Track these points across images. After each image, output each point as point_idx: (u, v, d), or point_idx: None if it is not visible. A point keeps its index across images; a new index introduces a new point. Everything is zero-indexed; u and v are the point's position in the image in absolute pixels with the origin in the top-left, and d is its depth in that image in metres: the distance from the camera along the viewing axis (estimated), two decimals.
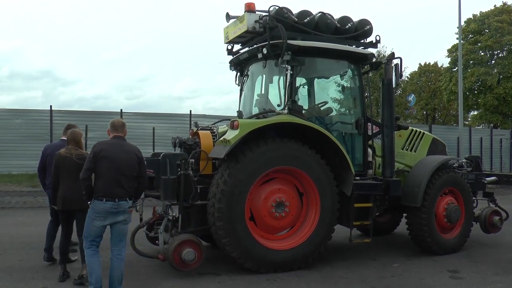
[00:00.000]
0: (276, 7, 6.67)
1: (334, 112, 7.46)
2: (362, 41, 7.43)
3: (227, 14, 7.13)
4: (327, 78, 7.62)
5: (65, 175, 5.77)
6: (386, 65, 7.26)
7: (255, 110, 7.39)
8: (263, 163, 6.18)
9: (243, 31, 6.79)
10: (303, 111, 6.84)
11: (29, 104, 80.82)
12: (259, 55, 6.76)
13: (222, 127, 7.22)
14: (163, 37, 77.77)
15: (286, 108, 6.58)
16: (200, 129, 7.17)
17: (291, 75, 6.58)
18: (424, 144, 8.19)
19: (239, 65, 7.72)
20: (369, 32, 7.34)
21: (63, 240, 6.07)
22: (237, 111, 7.77)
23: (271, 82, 7.32)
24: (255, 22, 6.63)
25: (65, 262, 6.01)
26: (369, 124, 7.25)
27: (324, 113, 7.28)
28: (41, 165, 6.80)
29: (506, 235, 8.75)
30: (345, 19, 7.19)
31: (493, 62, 34.55)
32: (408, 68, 48.78)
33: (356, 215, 6.83)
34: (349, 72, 7.33)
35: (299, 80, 7.16)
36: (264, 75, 7.41)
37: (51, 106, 18.44)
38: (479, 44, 34.29)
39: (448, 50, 36.83)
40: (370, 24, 7.32)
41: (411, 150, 8.05)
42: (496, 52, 34.94)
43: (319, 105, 7.43)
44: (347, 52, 7.11)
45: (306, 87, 7.69)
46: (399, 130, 7.80)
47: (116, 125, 5.33)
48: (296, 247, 6.40)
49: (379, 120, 7.53)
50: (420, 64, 46.21)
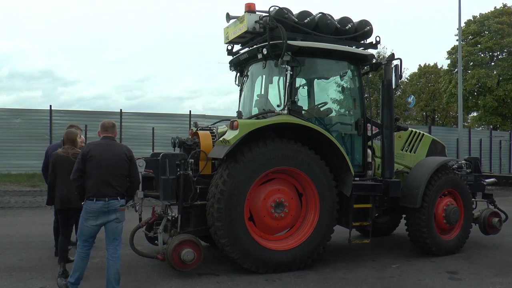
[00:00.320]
0: (276, 8, 6.68)
1: (334, 113, 7.45)
2: (362, 42, 7.44)
3: (227, 14, 7.13)
4: (327, 78, 7.62)
5: (62, 174, 5.85)
6: (386, 66, 7.27)
7: (255, 111, 7.39)
8: (263, 163, 6.18)
9: (243, 31, 6.80)
10: (303, 112, 6.84)
11: (29, 104, 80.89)
12: (259, 56, 6.77)
13: (222, 127, 7.23)
14: (163, 37, 77.87)
15: (286, 108, 6.58)
16: (200, 129, 7.17)
17: (291, 76, 6.58)
18: (423, 145, 8.19)
19: (239, 65, 7.72)
20: (369, 33, 7.35)
21: (62, 239, 6.11)
22: (236, 112, 7.77)
23: (271, 83, 7.32)
24: (255, 22, 6.64)
25: (64, 260, 6.01)
26: (368, 125, 7.26)
27: (323, 113, 7.28)
28: (44, 165, 6.92)
29: (505, 236, 8.76)
30: (345, 20, 7.20)
31: (492, 64, 34.55)
32: (408, 69, 48.85)
33: (355, 216, 6.82)
34: (349, 73, 7.34)
35: (299, 81, 7.15)
36: (264, 76, 7.41)
37: (50, 106, 18.46)
38: (479, 45, 34.29)
39: (447, 52, 36.83)
40: (370, 25, 7.33)
41: (410, 151, 8.06)
42: (496, 53, 34.96)
43: (319, 105, 7.43)
44: (347, 53, 7.12)
45: (306, 87, 7.68)
46: (398, 131, 7.80)
47: (106, 126, 5.40)
48: (295, 248, 6.40)
49: (379, 121, 7.54)
50: (420, 65, 46.30)
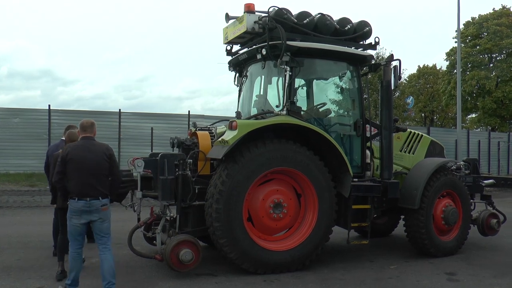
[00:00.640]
0: (276, 8, 6.68)
1: (333, 114, 7.46)
2: (361, 42, 7.44)
3: (227, 15, 7.12)
4: (326, 79, 7.62)
5: None
6: (385, 67, 7.27)
7: (254, 111, 7.38)
8: (261, 164, 6.18)
9: (243, 31, 6.79)
10: (302, 112, 6.84)
11: (28, 103, 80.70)
12: (258, 56, 6.76)
13: (221, 128, 7.22)
14: (163, 38, 77.82)
15: (285, 109, 6.58)
16: (199, 129, 7.16)
17: (290, 76, 6.58)
18: (422, 146, 8.19)
19: (238, 65, 7.72)
20: (368, 34, 7.35)
21: (62, 237, 6.10)
22: (235, 112, 7.76)
23: (270, 83, 7.32)
24: (255, 22, 6.64)
25: (63, 260, 6.02)
26: (367, 125, 7.26)
27: (322, 114, 7.27)
28: (46, 165, 7.06)
29: (504, 238, 8.76)
30: (344, 21, 7.20)
31: (491, 65, 34.58)
32: (407, 70, 48.89)
33: (354, 217, 6.82)
34: (348, 74, 7.34)
35: (298, 81, 7.15)
36: (263, 76, 7.41)
37: (49, 106, 18.44)
38: (478, 47, 34.33)
39: (446, 54, 36.81)
40: (369, 25, 7.33)
41: (409, 152, 8.06)
42: (494, 55, 34.99)
43: (318, 106, 7.42)
44: (346, 54, 7.11)
45: (305, 88, 7.68)
46: (397, 132, 7.80)
47: (84, 125, 5.40)
48: (293, 248, 6.40)
49: (378, 122, 7.54)
50: (419, 66, 46.32)
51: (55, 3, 72.68)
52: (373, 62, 7.48)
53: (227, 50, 7.78)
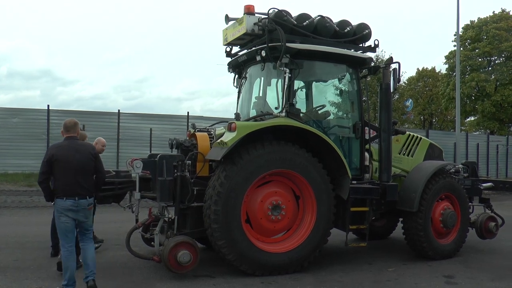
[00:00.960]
0: (275, 10, 6.69)
1: (332, 116, 7.45)
2: (361, 45, 7.45)
3: (226, 16, 7.13)
4: (325, 81, 7.63)
5: None
6: (384, 69, 7.27)
7: (253, 113, 7.38)
8: (260, 165, 6.18)
9: (242, 33, 6.80)
10: (301, 114, 6.84)
11: (27, 103, 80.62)
12: (258, 58, 6.77)
13: (220, 129, 7.22)
14: (162, 38, 77.83)
15: (284, 111, 6.58)
16: (197, 130, 7.16)
17: (289, 78, 6.58)
18: (421, 149, 8.21)
19: (238, 67, 7.72)
20: (367, 36, 7.37)
21: None
22: (234, 113, 7.76)
23: (269, 85, 7.32)
24: (254, 24, 6.64)
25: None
26: (366, 128, 7.26)
27: (321, 116, 7.27)
28: None
29: (502, 241, 8.76)
30: (344, 23, 7.21)
31: (490, 68, 34.63)
32: (406, 72, 48.88)
33: (352, 219, 6.82)
34: (347, 76, 7.34)
35: (297, 83, 7.15)
36: (262, 78, 7.40)
37: (48, 106, 18.39)
38: (477, 50, 34.39)
39: (445, 57, 36.88)
40: (369, 28, 7.34)
41: (408, 155, 8.07)
42: (493, 58, 35.05)
43: (317, 108, 7.43)
44: (346, 56, 7.12)
45: (304, 90, 7.70)
46: (396, 134, 7.80)
47: (67, 126, 5.44)
48: (291, 250, 6.39)
49: (377, 124, 7.54)
50: (418, 69, 46.36)
51: (55, 3, 72.77)
52: (372, 65, 7.48)
53: (226, 51, 7.78)
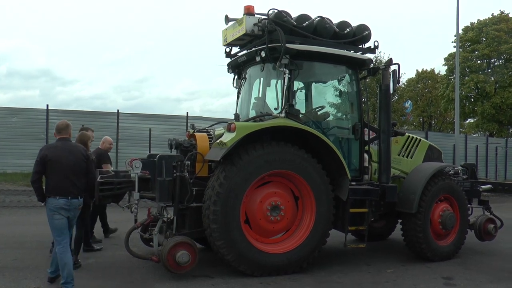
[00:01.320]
0: (275, 11, 6.69)
1: (331, 117, 7.45)
2: (361, 46, 7.45)
3: (226, 17, 7.12)
4: (325, 82, 7.63)
5: None
6: (383, 71, 7.27)
7: (252, 113, 7.38)
8: (259, 166, 6.17)
9: (242, 33, 6.79)
10: (300, 115, 6.84)
11: (26, 102, 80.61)
12: (257, 58, 6.77)
13: (219, 130, 7.22)
14: (162, 38, 77.84)
15: (283, 111, 6.58)
16: (197, 131, 7.15)
17: (289, 79, 6.58)
18: (420, 150, 8.21)
19: (237, 67, 7.72)
20: (367, 38, 7.37)
21: (78, 232, 6.45)
22: (234, 114, 7.76)
23: (269, 86, 7.32)
24: (254, 25, 6.64)
25: (78, 253, 6.42)
26: (366, 129, 7.26)
27: (321, 117, 7.27)
28: None
29: (500, 243, 8.76)
30: (344, 24, 7.21)
31: (489, 70, 34.66)
32: (406, 74, 48.95)
33: (351, 220, 6.82)
34: (346, 77, 7.34)
35: (297, 84, 7.16)
36: (261, 78, 7.40)
37: (47, 105, 18.36)
38: (476, 52, 34.42)
39: (445, 59, 36.87)
40: (369, 29, 7.35)
41: (407, 156, 8.07)
42: (493, 60, 35.08)
43: (316, 109, 7.43)
44: (345, 57, 7.12)
45: (304, 91, 7.69)
46: (395, 136, 7.81)
47: (59, 127, 5.64)
48: (290, 251, 6.39)
49: (376, 125, 7.54)
50: (417, 70, 46.39)
51: (55, 3, 72.74)
52: (372, 66, 7.48)
53: (226, 52, 7.78)
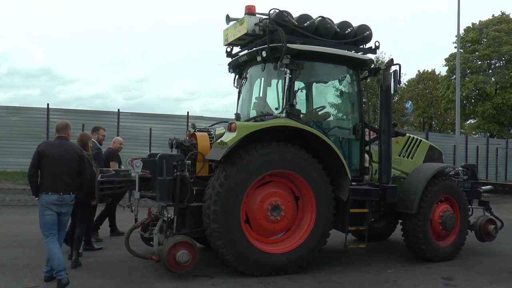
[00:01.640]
0: (276, 11, 6.68)
1: (332, 117, 7.46)
2: (362, 46, 7.44)
3: (227, 16, 7.12)
4: (326, 82, 7.63)
5: None
6: (384, 71, 7.27)
7: (253, 113, 7.38)
8: (260, 166, 6.17)
9: (243, 33, 6.79)
10: (301, 115, 6.83)
11: (27, 102, 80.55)
12: (258, 58, 6.76)
13: (220, 129, 7.21)
14: (162, 38, 77.85)
15: (284, 111, 6.58)
16: (197, 130, 7.15)
17: (290, 79, 6.58)
18: (421, 151, 8.20)
19: (238, 67, 7.72)
20: (368, 38, 7.36)
21: (79, 230, 6.65)
22: (235, 114, 7.75)
23: (270, 85, 7.31)
24: (255, 25, 6.64)
25: (78, 249, 6.55)
26: (366, 129, 7.26)
27: (322, 117, 7.27)
28: None
29: (501, 243, 8.76)
30: (345, 24, 7.20)
31: (490, 71, 34.64)
32: (406, 74, 48.99)
33: (351, 220, 6.82)
34: (347, 77, 7.34)
35: (298, 84, 7.15)
36: (262, 78, 7.40)
37: (48, 104, 18.39)
38: (477, 53, 34.41)
39: (445, 59, 36.85)
40: (370, 29, 7.34)
41: (407, 157, 8.06)
42: (493, 61, 35.06)
43: (317, 109, 7.43)
44: (346, 57, 7.11)
45: (305, 91, 7.69)
46: (396, 136, 7.80)
47: (59, 127, 5.95)
48: (290, 251, 6.38)
49: (377, 126, 7.54)
50: (418, 71, 46.39)
51: (55, 3, 72.75)
52: (373, 66, 7.48)
53: (227, 51, 7.78)
